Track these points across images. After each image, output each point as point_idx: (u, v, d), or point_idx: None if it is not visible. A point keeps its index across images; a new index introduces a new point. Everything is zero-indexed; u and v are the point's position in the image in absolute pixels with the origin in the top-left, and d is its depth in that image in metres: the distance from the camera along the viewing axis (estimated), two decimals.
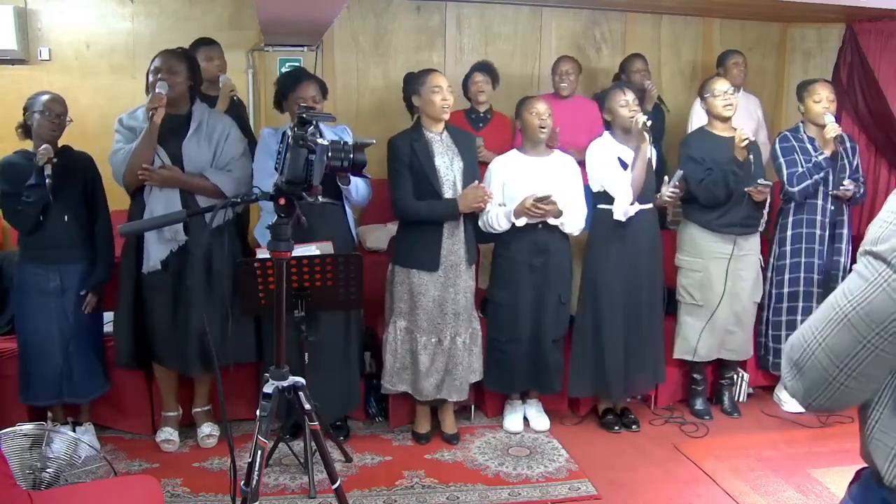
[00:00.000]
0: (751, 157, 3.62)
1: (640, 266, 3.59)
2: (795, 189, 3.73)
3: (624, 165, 3.51)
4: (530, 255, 3.53)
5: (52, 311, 3.26)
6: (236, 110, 4.08)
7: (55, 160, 3.14)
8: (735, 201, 3.64)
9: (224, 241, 3.35)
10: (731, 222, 3.67)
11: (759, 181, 3.61)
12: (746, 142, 3.57)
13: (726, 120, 3.68)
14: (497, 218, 3.49)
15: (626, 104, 3.51)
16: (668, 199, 3.60)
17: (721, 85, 3.70)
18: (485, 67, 4.21)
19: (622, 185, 3.45)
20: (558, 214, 3.46)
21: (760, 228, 3.76)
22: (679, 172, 3.59)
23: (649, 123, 3.41)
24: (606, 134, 3.63)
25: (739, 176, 3.57)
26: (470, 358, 3.53)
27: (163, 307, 3.31)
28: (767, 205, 3.69)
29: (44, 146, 3.14)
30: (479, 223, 3.53)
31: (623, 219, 3.49)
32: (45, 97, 3.21)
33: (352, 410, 3.66)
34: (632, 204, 3.47)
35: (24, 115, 3.23)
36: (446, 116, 3.38)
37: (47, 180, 3.09)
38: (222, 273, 3.31)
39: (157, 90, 3.12)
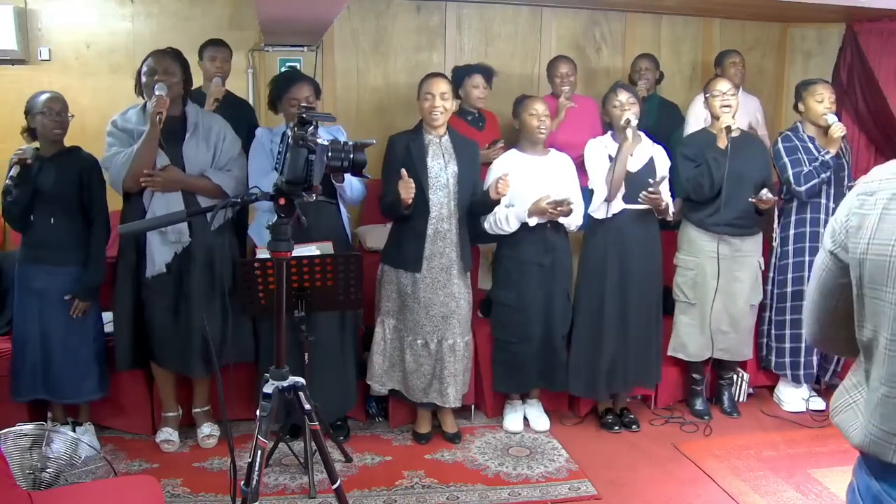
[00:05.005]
0: (730, 144, 3.59)
1: (628, 266, 3.59)
2: (802, 188, 3.72)
3: None
4: (539, 254, 3.54)
5: (34, 310, 3.25)
6: (239, 110, 4.07)
7: (30, 162, 3.12)
8: (726, 198, 3.63)
9: (224, 241, 3.36)
10: (724, 221, 3.67)
11: (762, 192, 3.61)
12: (725, 126, 3.57)
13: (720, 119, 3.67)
14: (507, 219, 3.48)
15: (618, 105, 3.54)
16: (640, 198, 3.54)
17: (722, 85, 3.71)
18: (486, 71, 4.19)
19: (598, 181, 3.47)
20: (568, 213, 3.47)
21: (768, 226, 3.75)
22: (661, 176, 3.55)
23: (634, 122, 3.44)
24: (609, 133, 3.65)
25: (721, 163, 3.57)
26: (466, 368, 3.52)
27: (164, 309, 3.30)
28: (776, 208, 3.68)
29: (21, 148, 3.14)
30: (486, 225, 3.52)
31: (600, 216, 3.50)
32: (44, 97, 3.20)
33: (349, 410, 3.65)
34: (606, 201, 3.46)
35: (26, 118, 3.22)
36: (435, 123, 3.37)
37: (8, 181, 3.09)
38: (223, 273, 3.31)
39: (156, 92, 3.10)
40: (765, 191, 3.61)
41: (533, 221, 3.47)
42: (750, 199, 3.63)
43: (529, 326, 3.59)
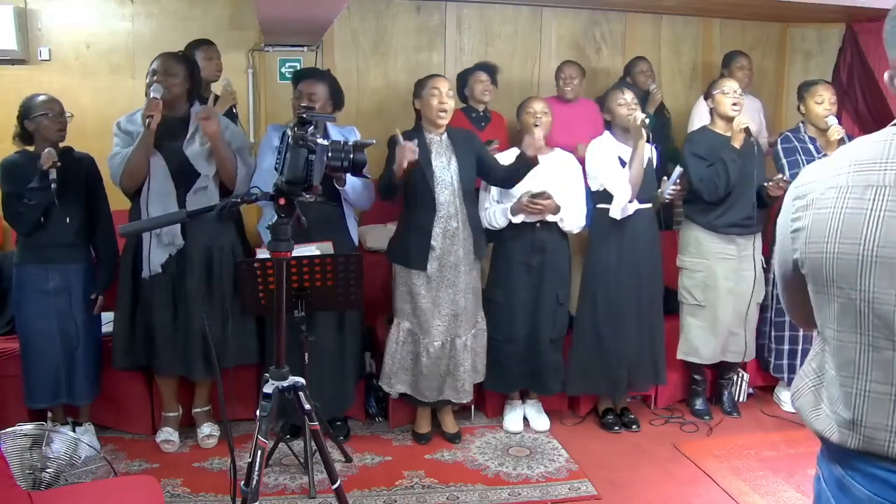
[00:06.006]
0: (755, 147, 3.61)
1: (639, 266, 3.59)
2: None
3: (624, 164, 3.51)
4: (527, 254, 3.54)
5: (52, 312, 3.24)
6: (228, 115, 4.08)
7: (59, 163, 3.09)
8: (735, 198, 3.64)
9: (224, 243, 3.36)
10: (732, 222, 3.67)
11: (779, 176, 3.61)
12: (744, 128, 3.56)
13: (730, 120, 3.65)
14: (495, 215, 3.50)
15: (624, 103, 3.52)
16: (667, 197, 3.59)
17: (732, 84, 3.71)
18: (488, 68, 4.22)
19: (621, 182, 3.46)
20: (556, 210, 3.46)
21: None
22: (678, 170, 3.59)
23: (647, 122, 3.42)
24: (607, 133, 3.65)
25: (738, 163, 3.57)
26: (474, 359, 3.53)
27: (163, 310, 3.30)
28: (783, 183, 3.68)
29: (47, 150, 3.10)
30: (481, 216, 3.53)
31: (619, 217, 3.49)
32: (41, 98, 3.19)
33: (346, 409, 3.65)
34: (630, 202, 3.47)
35: (21, 121, 3.18)
36: (442, 121, 3.38)
37: (52, 185, 3.04)
38: (222, 275, 3.31)
39: (151, 94, 3.12)
40: (780, 175, 3.63)
41: (518, 219, 3.47)
42: (764, 184, 3.62)
43: (514, 326, 3.59)
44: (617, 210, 3.49)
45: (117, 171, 3.20)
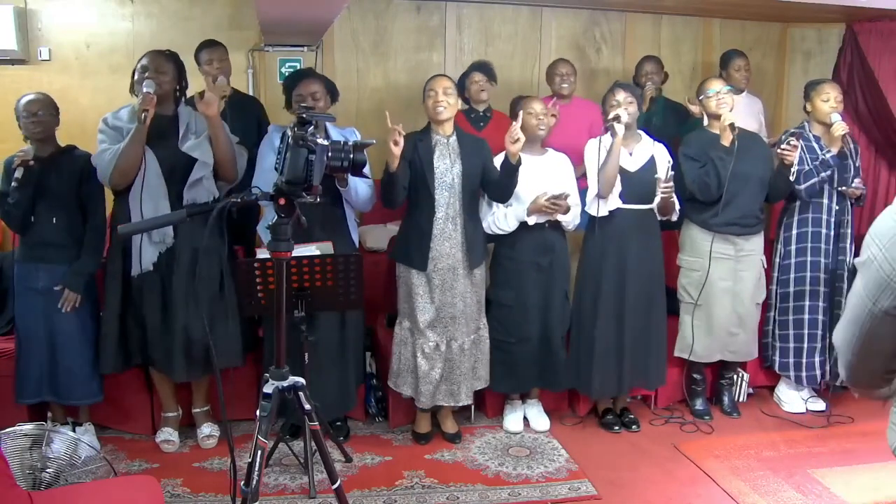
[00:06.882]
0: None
1: (633, 265, 3.59)
2: (802, 187, 3.73)
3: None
4: (537, 254, 3.55)
5: (39, 310, 3.26)
6: (247, 107, 4.07)
7: (32, 163, 3.12)
8: (730, 197, 3.64)
9: (215, 243, 3.33)
10: (728, 221, 3.68)
11: (787, 140, 3.60)
12: (729, 124, 3.57)
13: (720, 118, 3.66)
14: (505, 218, 3.51)
15: (616, 104, 3.54)
16: (663, 196, 3.56)
17: (714, 86, 3.71)
18: (483, 67, 4.22)
19: (591, 180, 3.50)
20: (567, 211, 3.48)
21: (792, 180, 3.73)
22: (669, 174, 3.56)
23: (625, 119, 3.43)
24: (608, 133, 3.65)
25: (726, 161, 3.58)
26: (474, 364, 3.53)
27: (153, 309, 3.29)
28: (794, 171, 3.67)
29: (23, 149, 3.14)
30: (484, 225, 3.54)
31: (596, 213, 3.51)
32: (24, 100, 3.21)
33: (348, 411, 3.65)
34: (598, 197, 3.48)
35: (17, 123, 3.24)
36: (440, 116, 3.38)
37: (13, 184, 3.08)
38: (207, 276, 3.30)
39: (144, 89, 3.10)
40: (791, 139, 3.61)
41: (532, 220, 3.49)
42: (777, 151, 3.61)
43: (527, 326, 3.60)
44: (588, 205, 3.52)
45: (107, 167, 3.17)
